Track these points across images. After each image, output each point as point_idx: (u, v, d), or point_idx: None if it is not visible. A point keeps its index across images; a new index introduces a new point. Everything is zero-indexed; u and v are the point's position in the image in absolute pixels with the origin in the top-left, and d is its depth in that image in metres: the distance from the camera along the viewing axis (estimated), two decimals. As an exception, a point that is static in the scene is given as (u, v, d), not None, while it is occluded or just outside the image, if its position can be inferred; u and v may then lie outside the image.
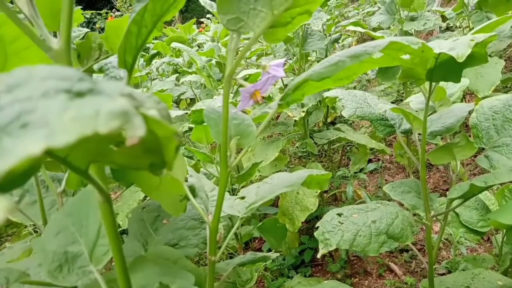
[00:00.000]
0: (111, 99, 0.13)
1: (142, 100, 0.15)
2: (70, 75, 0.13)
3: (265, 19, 0.32)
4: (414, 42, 0.39)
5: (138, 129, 0.12)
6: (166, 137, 0.17)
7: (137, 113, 0.13)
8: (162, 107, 0.17)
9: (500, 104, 0.82)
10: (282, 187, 0.50)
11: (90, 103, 0.12)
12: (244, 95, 0.34)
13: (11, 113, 0.11)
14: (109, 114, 0.12)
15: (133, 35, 0.33)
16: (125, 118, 0.12)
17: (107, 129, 0.11)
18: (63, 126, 0.11)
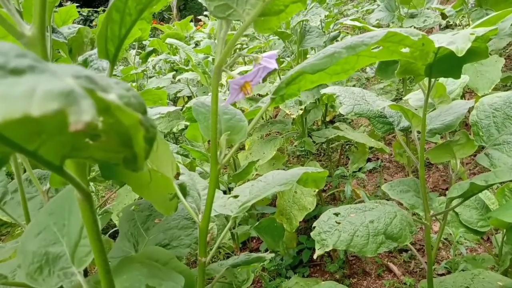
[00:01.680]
0: (55, 78, 0.11)
1: (105, 85, 0.14)
2: (6, 49, 0.12)
3: (255, 6, 0.30)
4: (414, 33, 0.37)
5: (84, 113, 0.10)
6: (133, 126, 0.15)
7: (86, 95, 0.11)
8: (131, 94, 0.16)
9: (500, 101, 0.81)
10: (276, 185, 0.48)
11: (26, 82, 0.10)
12: (233, 86, 0.32)
13: None
14: (47, 94, 0.10)
15: (115, 23, 0.31)
16: (68, 100, 0.10)
17: (42, 111, 0.09)
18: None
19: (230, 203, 0.51)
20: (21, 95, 0.09)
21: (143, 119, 0.15)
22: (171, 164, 0.45)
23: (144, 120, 0.15)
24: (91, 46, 0.83)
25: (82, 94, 0.11)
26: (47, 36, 0.28)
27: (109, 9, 0.28)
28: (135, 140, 0.16)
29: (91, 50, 0.86)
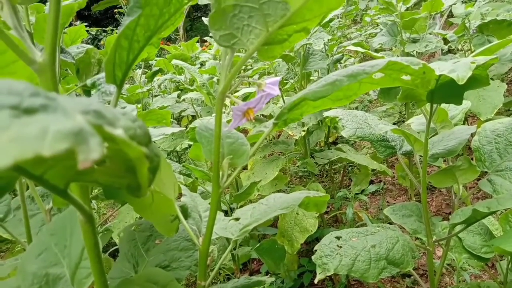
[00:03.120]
0: (66, 117, 0.11)
1: (113, 118, 0.14)
2: (21, 89, 0.12)
3: (259, 36, 0.31)
4: (414, 62, 0.38)
5: (92, 152, 0.11)
6: (138, 158, 0.15)
7: (95, 133, 0.11)
8: (137, 126, 0.16)
9: (502, 127, 0.81)
10: (277, 209, 0.48)
11: (38, 121, 0.11)
12: (236, 113, 0.33)
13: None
14: (58, 134, 0.10)
15: (124, 50, 0.32)
16: (78, 139, 0.11)
17: (53, 151, 0.10)
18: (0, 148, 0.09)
19: (231, 226, 0.51)
20: (33, 135, 0.10)
21: (148, 152, 0.15)
22: (173, 185, 0.45)
23: (149, 153, 0.15)
24: (98, 66, 0.85)
25: (91, 132, 0.11)
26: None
27: (118, 37, 0.29)
28: (139, 171, 0.16)
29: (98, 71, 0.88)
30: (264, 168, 1.60)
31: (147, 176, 0.17)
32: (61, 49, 0.83)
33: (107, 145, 0.17)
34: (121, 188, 0.23)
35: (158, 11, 0.35)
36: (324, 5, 0.32)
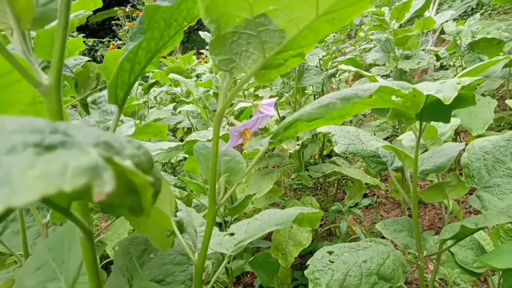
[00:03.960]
0: (82, 153, 0.13)
1: (120, 147, 0.15)
2: (42, 127, 0.13)
3: (257, 61, 0.32)
4: (405, 87, 0.40)
5: (106, 185, 0.12)
6: (143, 185, 0.16)
7: (107, 167, 0.12)
8: (142, 152, 0.17)
9: (490, 144, 0.83)
10: (272, 225, 0.49)
11: (59, 158, 0.12)
12: (233, 133, 0.34)
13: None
14: (77, 170, 0.11)
15: (126, 72, 0.33)
16: (93, 174, 0.12)
17: (73, 186, 0.11)
18: (26, 184, 0.11)
19: (226, 241, 0.52)
20: (55, 172, 0.11)
21: (153, 180, 0.16)
22: (170, 201, 0.46)
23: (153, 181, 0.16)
24: (97, 80, 0.86)
25: (104, 166, 0.12)
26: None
27: (121, 61, 0.31)
28: (143, 196, 0.17)
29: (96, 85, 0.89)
30: (258, 181, 1.61)
31: (150, 200, 0.18)
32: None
33: (110, 166, 0.18)
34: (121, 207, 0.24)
35: (159, 34, 0.37)
36: (319, 33, 0.33)
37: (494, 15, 4.52)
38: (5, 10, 0.25)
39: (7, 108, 0.37)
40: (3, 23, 0.26)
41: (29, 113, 0.39)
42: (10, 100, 0.37)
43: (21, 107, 0.38)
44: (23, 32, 0.27)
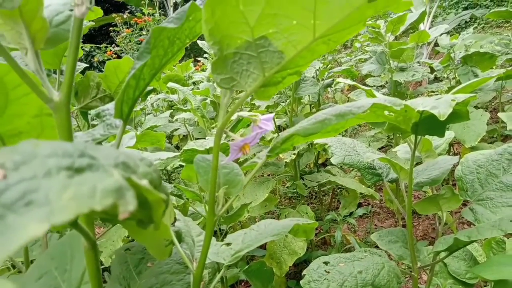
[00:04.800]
0: (106, 174, 0.14)
1: (135, 166, 0.17)
2: (72, 151, 0.15)
3: (257, 80, 0.34)
4: (396, 103, 0.42)
5: (129, 204, 0.13)
6: (156, 202, 0.18)
7: (129, 187, 0.14)
8: (152, 170, 0.19)
9: (483, 158, 0.85)
10: (268, 236, 0.50)
11: (88, 181, 0.13)
12: (233, 148, 0.36)
13: (18, 191, 0.12)
14: (104, 192, 0.13)
15: (131, 88, 0.34)
16: (119, 195, 0.13)
17: (102, 206, 0.12)
18: (62, 205, 0.12)
19: (223, 251, 0.53)
20: (86, 194, 0.12)
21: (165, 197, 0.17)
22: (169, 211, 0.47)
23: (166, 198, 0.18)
24: (97, 89, 0.87)
25: (127, 187, 0.14)
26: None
27: (128, 79, 0.32)
28: (155, 211, 0.19)
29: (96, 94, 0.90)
30: (254, 189, 1.62)
31: (161, 215, 0.19)
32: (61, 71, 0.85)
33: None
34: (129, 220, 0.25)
35: (163, 52, 0.38)
36: (316, 53, 0.35)
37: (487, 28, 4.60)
38: (21, 31, 0.27)
39: (15, 120, 0.39)
40: (18, 43, 0.27)
41: (35, 125, 0.40)
42: (18, 112, 0.38)
43: (28, 118, 0.39)
44: (36, 52, 0.28)
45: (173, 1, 6.09)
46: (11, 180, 0.12)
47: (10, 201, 0.12)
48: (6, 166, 0.13)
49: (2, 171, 0.12)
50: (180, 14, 0.33)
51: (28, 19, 0.27)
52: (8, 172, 0.12)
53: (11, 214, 0.11)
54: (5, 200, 0.12)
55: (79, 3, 0.24)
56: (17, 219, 0.11)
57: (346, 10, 0.29)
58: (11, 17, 0.26)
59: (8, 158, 0.13)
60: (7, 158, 0.13)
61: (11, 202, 0.12)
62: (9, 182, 0.12)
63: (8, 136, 0.40)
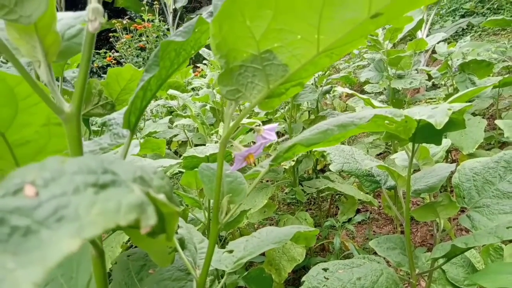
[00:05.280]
0: (128, 190, 0.15)
1: (149, 180, 0.17)
2: (95, 168, 0.16)
3: (261, 92, 0.35)
4: (397, 114, 0.43)
5: (150, 219, 0.14)
6: (170, 214, 0.18)
7: (149, 202, 0.15)
8: (166, 183, 0.19)
9: (480, 166, 0.86)
10: (270, 243, 0.51)
11: (113, 197, 0.14)
12: (238, 158, 0.36)
13: (49, 208, 0.13)
14: (128, 208, 0.14)
15: (138, 98, 0.35)
16: (141, 210, 0.14)
17: (127, 221, 0.13)
18: (91, 220, 0.13)
19: (225, 258, 0.54)
20: (112, 210, 0.13)
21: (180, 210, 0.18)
22: (173, 219, 0.48)
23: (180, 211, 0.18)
24: (99, 97, 0.88)
25: (147, 202, 0.14)
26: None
27: (137, 91, 0.33)
28: (168, 223, 0.19)
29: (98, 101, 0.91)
30: (253, 196, 1.63)
31: (175, 227, 0.20)
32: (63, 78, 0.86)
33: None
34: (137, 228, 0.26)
35: (169, 63, 0.39)
36: (319, 66, 0.36)
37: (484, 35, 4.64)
38: (35, 45, 0.28)
39: (23, 129, 0.39)
40: (33, 56, 0.28)
41: (43, 134, 0.41)
42: (26, 122, 0.39)
43: (36, 128, 0.40)
44: (49, 64, 0.29)
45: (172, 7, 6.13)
46: (43, 197, 0.13)
47: (43, 217, 0.12)
48: (37, 183, 0.13)
49: (33, 188, 0.13)
50: (187, 28, 0.34)
51: (42, 33, 0.28)
52: (39, 189, 0.13)
53: (45, 229, 0.12)
54: (38, 216, 0.12)
55: (92, 19, 0.25)
56: (51, 234, 0.12)
57: (349, 26, 0.30)
58: (26, 32, 0.27)
59: (38, 175, 0.14)
60: (37, 175, 0.14)
61: (44, 218, 0.12)
62: (41, 199, 0.13)
63: (16, 145, 0.41)
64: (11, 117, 0.37)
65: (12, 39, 0.28)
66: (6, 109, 0.36)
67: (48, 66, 0.29)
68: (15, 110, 0.37)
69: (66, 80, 0.92)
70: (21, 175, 0.14)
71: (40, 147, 0.42)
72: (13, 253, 0.11)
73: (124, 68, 0.91)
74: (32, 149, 0.42)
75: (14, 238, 0.12)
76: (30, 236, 0.12)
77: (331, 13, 0.29)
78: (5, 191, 0.13)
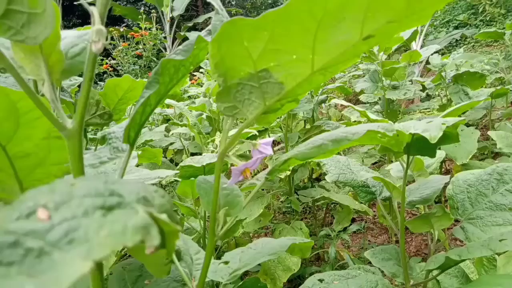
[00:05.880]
0: (133, 211, 0.16)
1: (151, 198, 0.18)
2: (102, 190, 0.16)
3: (258, 108, 0.36)
4: (389, 129, 0.44)
5: (154, 240, 0.15)
6: (171, 232, 0.19)
7: (153, 223, 0.15)
8: (166, 201, 0.20)
9: (473, 178, 0.88)
10: (266, 255, 0.51)
11: (119, 219, 0.15)
12: (235, 172, 0.37)
13: (61, 230, 0.14)
14: (134, 229, 0.14)
15: (138, 114, 0.36)
16: (146, 231, 0.15)
17: (133, 243, 0.14)
18: (100, 242, 0.13)
19: (221, 270, 0.54)
20: (119, 232, 0.14)
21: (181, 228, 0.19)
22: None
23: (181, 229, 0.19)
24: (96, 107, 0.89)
25: (151, 223, 0.15)
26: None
27: (137, 107, 0.34)
28: (169, 241, 0.20)
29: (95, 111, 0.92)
30: (249, 205, 1.63)
31: (175, 244, 0.21)
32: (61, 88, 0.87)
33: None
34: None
35: (169, 79, 0.40)
36: (313, 83, 0.37)
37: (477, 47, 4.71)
38: (40, 64, 0.28)
39: (24, 142, 0.40)
40: (37, 75, 0.29)
41: (43, 147, 0.42)
42: (27, 135, 0.39)
43: (36, 141, 0.41)
44: (52, 83, 0.30)
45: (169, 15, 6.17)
46: (55, 220, 0.14)
47: (55, 239, 0.13)
48: (49, 207, 0.14)
49: (46, 211, 0.14)
50: (187, 46, 0.35)
51: (47, 52, 0.28)
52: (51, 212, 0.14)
53: (57, 251, 0.13)
54: (51, 239, 0.13)
55: (96, 40, 0.26)
56: (63, 256, 0.13)
57: (343, 47, 0.32)
58: (32, 52, 0.28)
59: (49, 199, 0.15)
60: (48, 198, 0.15)
61: (56, 240, 0.13)
62: (54, 222, 0.14)
63: (17, 158, 0.41)
64: (13, 130, 0.38)
65: (17, 58, 0.28)
66: (9, 123, 0.37)
67: (52, 84, 0.29)
68: (17, 124, 0.37)
69: (64, 90, 0.93)
70: (33, 198, 0.14)
71: (40, 160, 0.43)
72: (28, 274, 0.11)
73: (122, 79, 0.92)
74: (32, 161, 0.43)
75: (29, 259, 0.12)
76: (43, 257, 0.13)
77: (325, 35, 0.30)
78: (18, 213, 0.14)
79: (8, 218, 0.14)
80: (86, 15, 3.66)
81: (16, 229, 0.13)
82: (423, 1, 0.27)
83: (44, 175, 0.44)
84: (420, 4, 0.28)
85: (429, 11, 0.29)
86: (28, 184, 0.45)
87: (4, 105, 0.35)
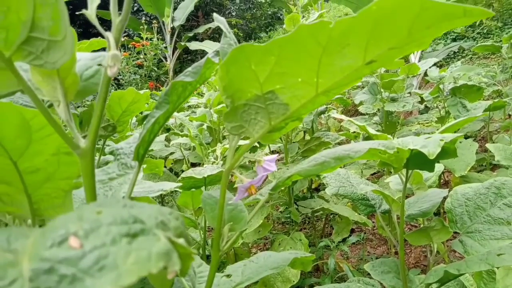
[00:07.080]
0: (155, 238, 0.17)
1: (168, 221, 0.19)
2: (127, 218, 0.17)
3: (264, 127, 0.37)
4: (390, 147, 0.45)
5: (175, 265, 0.16)
6: (186, 255, 0.20)
7: (174, 249, 0.16)
8: (180, 222, 0.21)
9: (472, 191, 0.89)
10: (268, 269, 0.52)
11: (144, 246, 0.16)
12: (240, 189, 0.38)
13: (93, 258, 0.15)
14: (157, 256, 0.15)
15: (148, 133, 0.37)
16: (168, 257, 0.16)
17: (157, 269, 0.15)
18: (127, 269, 0.14)
19: (223, 283, 0.55)
20: (144, 259, 0.15)
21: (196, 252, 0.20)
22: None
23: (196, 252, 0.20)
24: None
25: (172, 249, 0.16)
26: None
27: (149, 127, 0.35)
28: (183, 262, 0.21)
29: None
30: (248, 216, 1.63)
31: (189, 266, 0.21)
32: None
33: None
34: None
35: (176, 97, 0.41)
36: (316, 104, 0.39)
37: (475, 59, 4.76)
38: (56, 86, 0.30)
39: (34, 158, 0.41)
40: (53, 96, 0.30)
41: (53, 162, 0.43)
42: (38, 151, 0.40)
43: (46, 156, 0.42)
44: (67, 104, 0.31)
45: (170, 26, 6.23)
46: (86, 248, 0.15)
47: (87, 267, 0.14)
48: (79, 235, 0.15)
49: (77, 240, 0.15)
50: (196, 68, 0.37)
51: (63, 76, 0.30)
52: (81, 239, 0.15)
53: (89, 278, 0.14)
54: (83, 266, 0.14)
55: (111, 65, 0.27)
56: (94, 282, 0.14)
57: (346, 71, 0.33)
58: (49, 75, 0.29)
59: (79, 226, 0.16)
60: (78, 226, 0.16)
61: (88, 267, 0.14)
62: (85, 250, 0.15)
63: (27, 173, 0.42)
64: (25, 146, 0.39)
65: (35, 80, 0.30)
66: (21, 140, 0.38)
67: (67, 106, 0.31)
68: (29, 141, 0.38)
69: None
70: (64, 226, 0.16)
71: (49, 175, 0.44)
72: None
73: (126, 91, 0.93)
74: (41, 176, 0.44)
75: (63, 285, 0.13)
76: (76, 283, 0.14)
77: (330, 60, 0.31)
78: (52, 241, 0.15)
79: (42, 245, 0.15)
80: (87, 24, 3.73)
81: (51, 257, 0.14)
82: (424, 30, 0.29)
83: (52, 190, 0.45)
84: (421, 32, 0.29)
85: (429, 39, 0.31)
86: (37, 198, 0.46)
87: (17, 122, 0.36)
